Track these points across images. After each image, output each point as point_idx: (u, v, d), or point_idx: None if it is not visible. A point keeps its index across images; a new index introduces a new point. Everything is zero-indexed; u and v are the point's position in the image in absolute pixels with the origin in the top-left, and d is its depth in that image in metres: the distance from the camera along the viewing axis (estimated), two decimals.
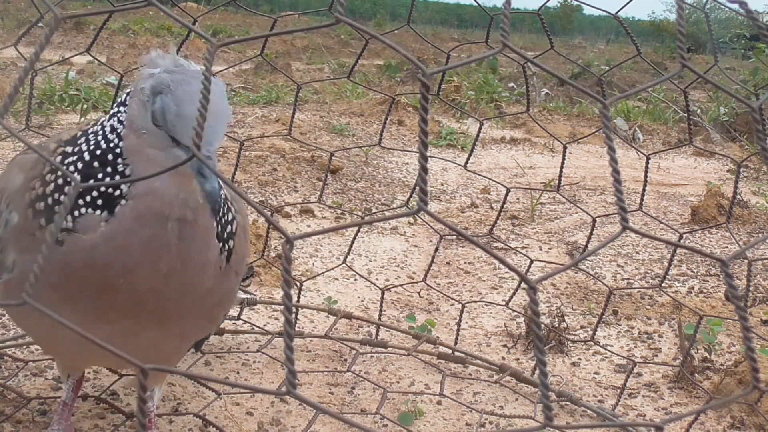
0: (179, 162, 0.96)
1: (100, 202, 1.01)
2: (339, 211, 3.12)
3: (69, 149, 1.08)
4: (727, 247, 3.10)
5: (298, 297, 2.11)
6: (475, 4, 2.01)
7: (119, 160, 1.03)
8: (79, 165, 1.04)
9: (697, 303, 2.42)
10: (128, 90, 1.08)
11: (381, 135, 1.98)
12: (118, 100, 1.08)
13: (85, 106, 4.54)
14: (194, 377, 1.78)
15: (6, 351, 1.69)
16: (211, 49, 0.57)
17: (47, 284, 1.02)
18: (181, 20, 0.61)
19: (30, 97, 1.70)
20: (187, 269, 1.06)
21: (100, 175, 1.03)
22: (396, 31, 4.80)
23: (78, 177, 1.02)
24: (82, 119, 4.36)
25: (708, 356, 1.96)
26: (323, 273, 2.39)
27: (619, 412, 1.72)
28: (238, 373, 1.76)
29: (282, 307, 1.95)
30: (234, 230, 1.15)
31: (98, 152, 1.04)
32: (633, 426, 0.63)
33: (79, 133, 1.09)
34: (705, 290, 2.56)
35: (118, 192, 1.02)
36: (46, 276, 1.02)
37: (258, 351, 1.84)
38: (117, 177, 1.02)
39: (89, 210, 1.02)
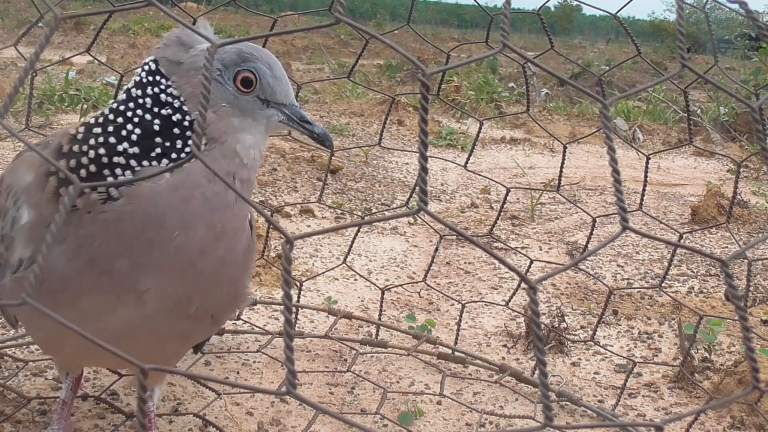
0: (270, 119, 1.09)
1: (165, 160, 1.03)
2: (339, 211, 3.12)
3: (92, 120, 1.07)
4: (727, 247, 3.10)
5: (298, 297, 2.11)
6: (475, 4, 2.01)
7: (188, 133, 1.04)
8: (132, 137, 1.03)
9: (697, 303, 2.42)
10: (152, 57, 1.08)
11: (381, 135, 1.98)
12: (145, 68, 1.08)
13: (85, 106, 4.54)
14: (194, 377, 1.78)
15: (6, 351, 1.69)
16: (211, 49, 0.57)
17: (81, 262, 1.01)
18: (181, 20, 0.62)
19: (30, 97, 1.70)
20: (234, 233, 1.08)
21: (168, 144, 1.03)
22: (396, 31, 4.80)
23: (136, 149, 1.03)
24: (82, 119, 4.37)
25: (708, 356, 1.96)
26: (323, 273, 2.39)
27: (619, 412, 1.72)
28: (238, 373, 1.76)
29: (282, 307, 1.95)
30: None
31: (156, 127, 1.04)
32: (633, 426, 0.63)
33: (107, 110, 1.08)
34: (705, 290, 2.56)
35: (187, 150, 1.04)
36: (81, 252, 1.01)
37: (258, 351, 1.84)
38: (187, 149, 1.04)
39: (153, 163, 1.03)
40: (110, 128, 1.04)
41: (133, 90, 1.06)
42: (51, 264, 1.02)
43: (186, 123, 1.05)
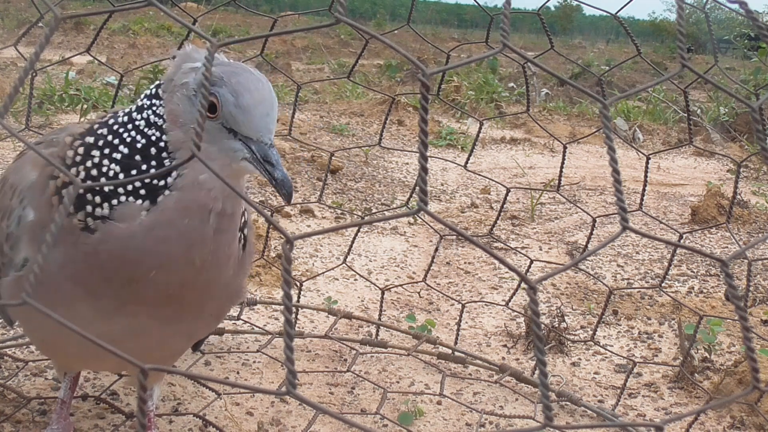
0: (235, 153, 0.99)
1: (143, 191, 1.00)
2: (339, 211, 3.12)
3: (90, 139, 1.06)
4: (727, 247, 3.10)
5: (298, 297, 2.11)
6: (475, 4, 2.01)
7: (164, 154, 1.02)
8: (117, 156, 1.02)
9: (697, 303, 2.41)
10: (157, 83, 1.07)
11: (381, 135, 1.98)
12: (147, 92, 1.07)
13: (85, 106, 4.53)
14: (194, 377, 1.78)
15: (6, 351, 1.69)
16: (211, 49, 0.57)
17: (69, 274, 1.01)
18: (181, 20, 0.61)
19: (30, 97, 1.70)
20: (216, 263, 1.05)
21: (144, 167, 1.01)
22: (396, 31, 4.80)
23: (117, 167, 1.02)
24: (82, 119, 4.36)
25: (708, 356, 1.96)
26: (323, 273, 2.39)
27: (619, 412, 1.72)
28: (238, 373, 1.76)
29: (282, 307, 1.95)
30: (246, 220, 1.15)
31: (138, 145, 1.02)
32: (633, 426, 0.63)
33: (97, 126, 1.07)
34: (705, 290, 2.56)
35: (162, 182, 1.00)
36: (69, 266, 1.01)
37: (258, 351, 1.84)
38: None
39: (130, 198, 1.00)
40: (106, 150, 1.04)
41: (134, 113, 1.06)
42: (47, 265, 1.02)
43: (162, 144, 1.02)
